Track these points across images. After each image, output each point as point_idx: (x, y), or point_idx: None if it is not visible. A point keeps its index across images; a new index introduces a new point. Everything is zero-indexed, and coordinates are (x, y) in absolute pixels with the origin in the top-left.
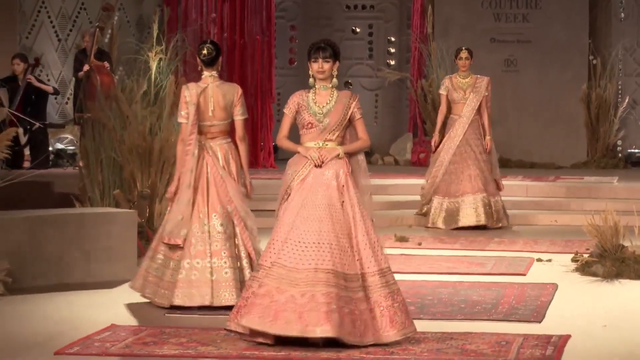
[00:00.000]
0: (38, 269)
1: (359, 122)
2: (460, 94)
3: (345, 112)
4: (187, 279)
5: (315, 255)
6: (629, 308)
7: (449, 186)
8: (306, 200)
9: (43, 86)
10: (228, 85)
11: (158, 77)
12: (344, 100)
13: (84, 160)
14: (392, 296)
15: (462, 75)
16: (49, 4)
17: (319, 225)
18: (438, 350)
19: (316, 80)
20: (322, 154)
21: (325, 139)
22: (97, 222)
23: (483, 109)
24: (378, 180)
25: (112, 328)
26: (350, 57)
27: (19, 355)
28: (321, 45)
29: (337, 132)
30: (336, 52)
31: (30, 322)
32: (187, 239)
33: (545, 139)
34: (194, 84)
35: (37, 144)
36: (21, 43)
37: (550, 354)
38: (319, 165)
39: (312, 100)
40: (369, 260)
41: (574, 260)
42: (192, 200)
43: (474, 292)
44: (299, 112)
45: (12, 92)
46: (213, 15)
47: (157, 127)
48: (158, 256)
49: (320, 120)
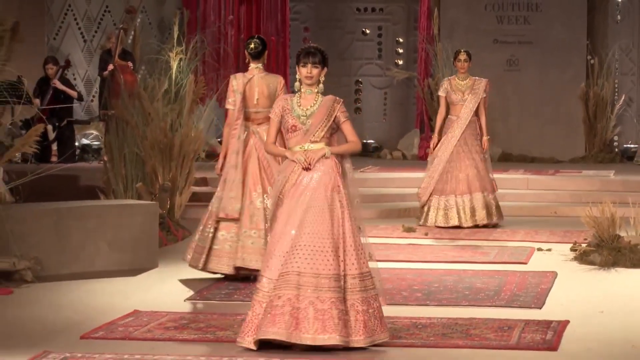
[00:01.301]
0: (64, 258)
1: (346, 124)
2: (458, 95)
3: (329, 114)
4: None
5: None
6: (625, 295)
7: (445, 185)
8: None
9: (69, 91)
10: (272, 76)
11: (178, 76)
12: (328, 103)
13: (108, 155)
14: (369, 301)
15: (461, 77)
16: (75, 6)
17: (316, 228)
18: (444, 335)
19: (303, 84)
20: (308, 156)
21: (310, 141)
22: (121, 213)
23: (481, 110)
24: (387, 174)
25: (135, 314)
26: (361, 57)
27: (47, 340)
28: (311, 51)
29: (321, 134)
30: (325, 58)
31: (57, 308)
32: (242, 213)
33: (546, 135)
34: (241, 74)
35: (64, 140)
36: (49, 44)
37: (550, 338)
38: (307, 167)
39: (297, 103)
40: (352, 263)
41: (572, 250)
42: (242, 180)
43: (477, 280)
44: (283, 116)
45: (44, 93)
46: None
47: (178, 123)
48: (208, 229)
49: (304, 123)
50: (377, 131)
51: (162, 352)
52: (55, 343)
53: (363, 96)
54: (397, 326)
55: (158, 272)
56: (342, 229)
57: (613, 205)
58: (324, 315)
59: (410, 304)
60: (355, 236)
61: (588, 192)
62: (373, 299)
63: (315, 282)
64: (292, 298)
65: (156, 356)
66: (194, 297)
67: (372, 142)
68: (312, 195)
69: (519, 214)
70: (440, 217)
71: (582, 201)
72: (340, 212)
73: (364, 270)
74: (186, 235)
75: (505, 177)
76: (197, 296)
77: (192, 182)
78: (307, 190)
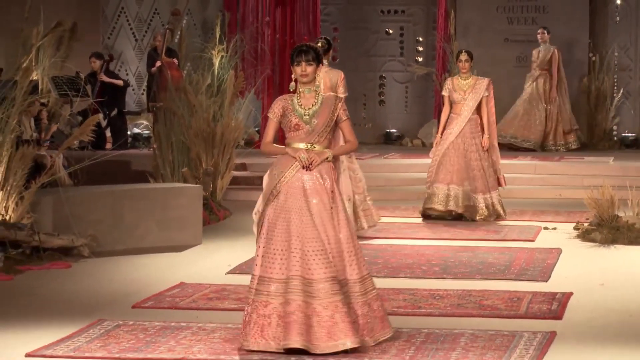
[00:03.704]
0: (118, 236)
1: (345, 123)
2: (460, 94)
3: (332, 114)
4: None
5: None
6: (623, 269)
7: (438, 174)
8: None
9: (114, 81)
10: (334, 71)
11: (220, 71)
12: (329, 102)
13: (157, 142)
14: (369, 304)
15: (463, 76)
16: (128, 9)
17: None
18: (459, 305)
19: (299, 84)
20: (311, 157)
21: (312, 141)
22: (168, 195)
23: (483, 108)
24: (408, 160)
25: (181, 286)
26: (384, 54)
27: (102, 309)
28: (303, 49)
29: (324, 135)
30: (319, 55)
31: (111, 281)
32: None
33: None
34: None
35: (117, 129)
36: (104, 43)
37: (555, 308)
38: (307, 167)
39: (297, 103)
40: (352, 268)
41: (575, 229)
42: None
43: (489, 256)
44: (285, 115)
45: (92, 86)
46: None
47: (219, 114)
48: None
49: (307, 122)
50: (399, 121)
51: (205, 320)
52: (110, 312)
53: (386, 90)
54: (417, 297)
55: (202, 248)
56: (340, 234)
57: (612, 188)
58: (329, 322)
59: (428, 277)
60: (353, 240)
61: (590, 177)
62: (374, 299)
63: (316, 287)
64: (301, 304)
65: (200, 323)
66: (234, 271)
67: (395, 131)
68: (314, 198)
69: (527, 196)
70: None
71: (584, 185)
72: (337, 217)
73: (364, 273)
74: (227, 215)
75: (515, 163)
76: (236, 270)
77: (233, 167)
78: (304, 193)
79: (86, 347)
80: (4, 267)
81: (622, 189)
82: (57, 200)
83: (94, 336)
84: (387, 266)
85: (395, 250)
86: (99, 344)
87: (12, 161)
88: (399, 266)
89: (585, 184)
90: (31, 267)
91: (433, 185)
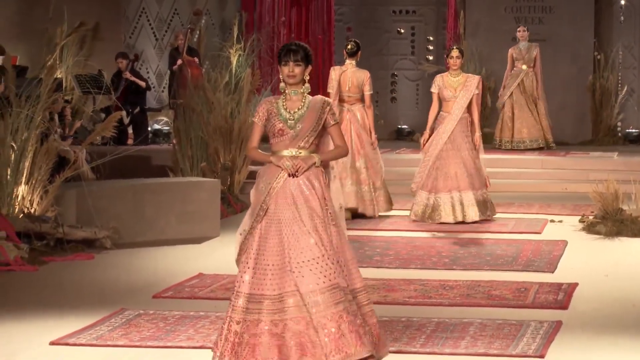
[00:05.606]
0: (139, 228)
1: (334, 128)
2: (450, 92)
3: (318, 118)
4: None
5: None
6: (627, 261)
7: (435, 182)
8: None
9: (138, 81)
10: (361, 71)
11: (237, 69)
12: (316, 105)
13: (176, 138)
14: (364, 319)
15: (453, 74)
16: (148, 9)
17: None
18: (468, 295)
19: (286, 85)
20: (297, 163)
21: (298, 147)
22: (187, 189)
23: (473, 106)
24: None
25: (200, 276)
26: (396, 53)
27: (124, 299)
28: (292, 48)
29: (310, 139)
30: (308, 55)
31: (132, 271)
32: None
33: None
34: (339, 67)
35: (138, 125)
36: (125, 42)
37: (561, 298)
38: (293, 174)
39: (282, 106)
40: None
41: (581, 221)
42: None
43: (497, 248)
44: (269, 119)
45: (117, 84)
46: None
47: (237, 111)
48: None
49: (292, 127)
50: (410, 118)
51: (223, 309)
52: (131, 301)
53: (398, 87)
54: (427, 287)
55: (220, 240)
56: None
57: (617, 182)
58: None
59: (438, 268)
60: (347, 251)
61: (595, 171)
62: (369, 315)
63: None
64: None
65: (218, 313)
66: None
67: (406, 128)
68: (305, 206)
69: (534, 190)
70: (427, 214)
71: (589, 179)
72: (329, 228)
73: (357, 286)
74: (244, 208)
75: (522, 158)
76: None
77: (249, 162)
78: (293, 201)
79: (108, 335)
80: (29, 259)
81: (626, 183)
82: (80, 194)
83: (115, 325)
84: (398, 257)
85: (406, 242)
86: (120, 333)
87: (37, 156)
88: (410, 258)
89: (591, 178)
90: (55, 259)
91: (435, 196)
